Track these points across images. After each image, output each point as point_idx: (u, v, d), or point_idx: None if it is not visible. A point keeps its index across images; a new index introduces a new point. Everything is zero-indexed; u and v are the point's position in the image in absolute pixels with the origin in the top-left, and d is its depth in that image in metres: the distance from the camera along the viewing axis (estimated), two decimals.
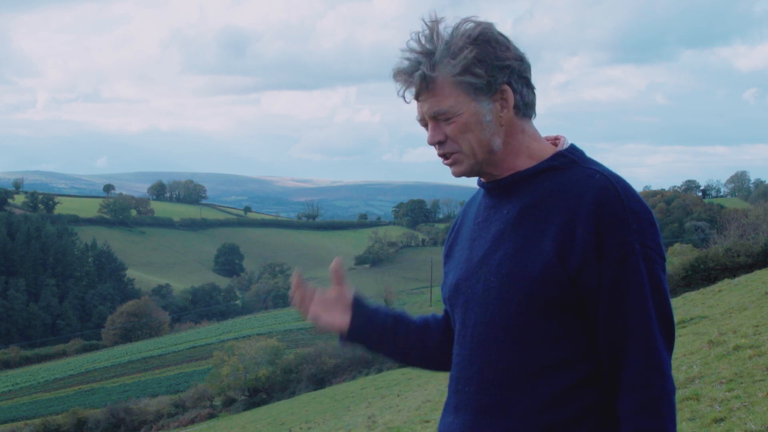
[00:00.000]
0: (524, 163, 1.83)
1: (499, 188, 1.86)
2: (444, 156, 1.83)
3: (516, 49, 1.79)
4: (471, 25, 1.77)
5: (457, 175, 1.85)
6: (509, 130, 1.81)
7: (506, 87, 1.77)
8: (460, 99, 1.76)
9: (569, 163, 1.81)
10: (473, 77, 1.75)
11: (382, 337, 2.02)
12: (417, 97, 1.79)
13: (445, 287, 1.95)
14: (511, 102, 1.78)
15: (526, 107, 1.82)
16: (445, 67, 1.75)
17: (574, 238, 1.71)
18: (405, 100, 1.83)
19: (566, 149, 1.84)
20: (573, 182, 1.77)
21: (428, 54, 1.77)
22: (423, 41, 1.78)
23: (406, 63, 1.79)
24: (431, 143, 1.82)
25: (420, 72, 1.76)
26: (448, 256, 2.00)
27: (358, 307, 2.01)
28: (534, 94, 1.83)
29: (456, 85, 1.75)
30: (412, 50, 1.78)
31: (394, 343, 2.04)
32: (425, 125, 1.84)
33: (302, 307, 1.99)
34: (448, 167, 1.85)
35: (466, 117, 1.77)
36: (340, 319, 1.99)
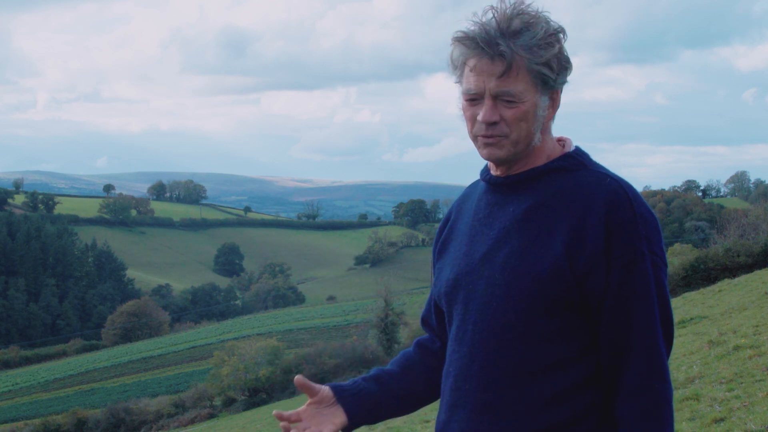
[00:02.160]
0: (540, 163, 1.84)
1: (506, 185, 1.86)
2: (483, 134, 1.80)
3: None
4: (545, 17, 1.77)
5: (492, 158, 1.82)
6: (545, 130, 1.84)
7: (559, 89, 1.81)
8: (529, 87, 1.77)
9: (577, 165, 1.83)
10: (549, 71, 1.76)
11: (377, 407, 2.00)
12: (501, 75, 1.75)
13: (441, 282, 1.94)
14: (558, 104, 1.82)
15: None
16: (530, 54, 1.74)
17: (584, 240, 1.73)
18: (458, 66, 1.80)
19: (573, 151, 1.86)
20: (583, 184, 1.78)
21: (511, 34, 1.74)
22: (505, 18, 1.75)
23: (478, 30, 1.76)
24: (485, 121, 1.78)
25: (509, 50, 1.73)
26: (441, 252, 1.99)
27: (342, 396, 1.97)
28: None
29: (531, 72, 1.75)
30: (492, 21, 1.75)
31: (389, 404, 2.02)
32: (473, 99, 1.80)
33: None
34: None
35: (528, 106, 1.77)
36: (337, 418, 1.95)
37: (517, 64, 1.74)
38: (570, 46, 1.81)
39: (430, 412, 12.23)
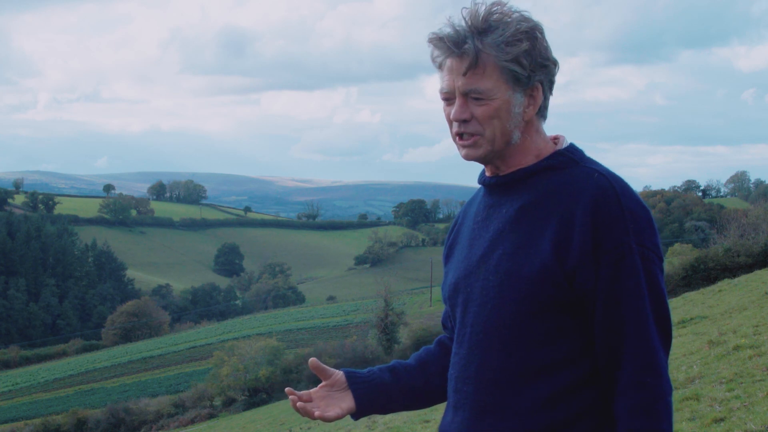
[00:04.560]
0: (530, 162, 1.84)
1: (500, 186, 1.86)
2: (461, 135, 1.82)
3: (552, 52, 1.81)
4: (520, 16, 1.77)
5: (470, 157, 1.83)
6: (527, 128, 1.82)
7: (539, 85, 1.80)
8: (499, 84, 1.76)
9: (568, 162, 1.82)
10: (519, 67, 1.75)
11: (388, 397, 2.01)
12: (465, 72, 1.76)
13: (445, 286, 1.96)
14: (539, 101, 1.81)
15: (544, 109, 1.84)
16: (497, 51, 1.74)
17: (572, 238, 1.72)
18: (438, 67, 1.82)
19: (565, 148, 1.85)
20: (571, 181, 1.78)
21: (480, 32, 1.75)
22: (476, 18, 1.76)
23: (449, 31, 1.77)
24: (456, 119, 1.80)
25: (474, 47, 1.74)
26: (448, 256, 2.00)
27: (354, 382, 1.99)
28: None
29: (501, 70, 1.75)
30: (462, 21, 1.77)
31: (401, 396, 2.03)
32: (448, 98, 1.82)
33: (308, 414, 1.94)
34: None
35: (498, 103, 1.77)
36: (345, 403, 1.97)
37: (483, 61, 1.75)
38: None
39: (430, 412, 12.23)
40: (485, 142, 1.80)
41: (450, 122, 1.83)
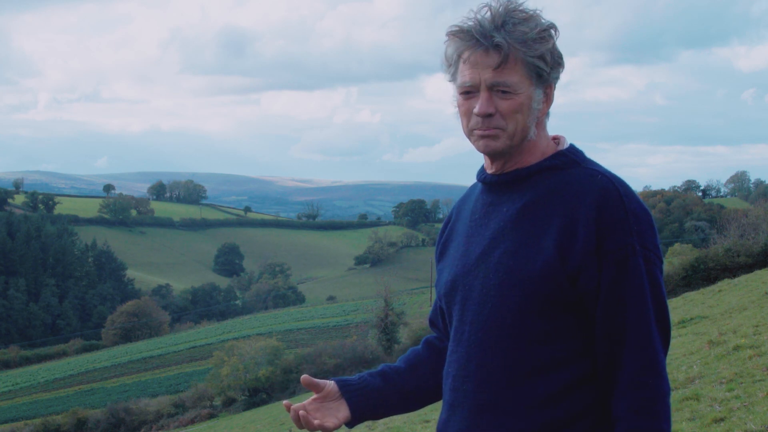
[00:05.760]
0: (535, 160, 1.84)
1: (500, 184, 1.86)
2: (479, 128, 1.81)
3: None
4: (538, 14, 1.79)
5: (489, 149, 1.83)
6: (539, 125, 1.84)
7: (553, 83, 1.82)
8: (524, 79, 1.78)
9: (570, 162, 1.83)
10: (544, 64, 1.77)
11: (381, 402, 2.02)
12: (496, 66, 1.77)
13: (441, 284, 1.95)
14: (552, 99, 1.83)
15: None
16: (524, 47, 1.76)
17: (575, 238, 1.72)
18: (462, 61, 1.81)
19: (567, 149, 1.86)
20: (574, 182, 1.78)
21: (506, 27, 1.76)
22: (499, 13, 1.77)
23: (473, 24, 1.78)
24: (481, 113, 1.79)
25: (505, 41, 1.75)
26: (442, 253, 2.00)
27: (347, 390, 1.99)
28: None
29: (526, 65, 1.77)
30: (485, 15, 1.78)
31: (394, 400, 2.03)
32: (468, 92, 1.82)
33: (308, 424, 1.94)
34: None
35: (523, 98, 1.78)
36: (341, 412, 1.97)
37: (513, 55, 1.76)
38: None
39: (430, 412, 12.22)
40: (506, 137, 1.80)
41: (467, 116, 1.83)
